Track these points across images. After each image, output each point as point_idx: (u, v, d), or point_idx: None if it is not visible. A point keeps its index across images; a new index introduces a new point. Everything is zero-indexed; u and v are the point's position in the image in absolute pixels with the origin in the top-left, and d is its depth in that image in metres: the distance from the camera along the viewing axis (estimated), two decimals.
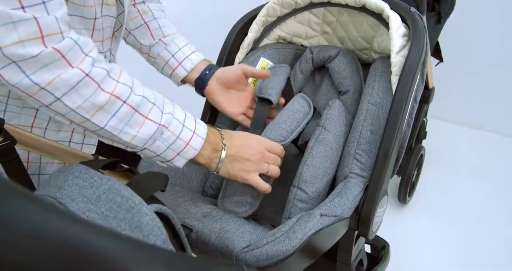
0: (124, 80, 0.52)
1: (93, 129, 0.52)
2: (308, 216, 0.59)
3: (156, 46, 0.79)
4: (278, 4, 0.83)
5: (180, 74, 0.79)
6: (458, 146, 1.96)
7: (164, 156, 0.57)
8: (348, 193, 0.66)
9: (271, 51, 0.88)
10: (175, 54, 0.78)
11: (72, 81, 0.46)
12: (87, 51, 0.49)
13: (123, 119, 0.52)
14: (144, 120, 0.53)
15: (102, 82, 0.49)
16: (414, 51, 0.67)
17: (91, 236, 0.20)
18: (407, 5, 0.74)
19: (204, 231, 0.60)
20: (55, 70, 0.45)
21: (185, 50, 0.79)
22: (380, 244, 1.02)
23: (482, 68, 2.03)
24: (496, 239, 1.44)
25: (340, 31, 0.88)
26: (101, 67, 0.49)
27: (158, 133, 0.55)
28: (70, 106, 0.48)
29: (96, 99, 0.48)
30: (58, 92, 0.46)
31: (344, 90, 0.83)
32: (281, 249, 0.54)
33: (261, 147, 0.65)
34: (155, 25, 0.79)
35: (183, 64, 0.78)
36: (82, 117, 0.49)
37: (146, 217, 0.36)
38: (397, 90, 0.66)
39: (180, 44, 0.79)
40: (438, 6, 1.38)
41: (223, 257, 0.57)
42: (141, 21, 0.79)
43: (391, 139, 0.65)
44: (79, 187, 0.39)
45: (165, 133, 0.56)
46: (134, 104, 0.52)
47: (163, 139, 0.56)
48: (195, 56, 0.79)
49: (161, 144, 0.56)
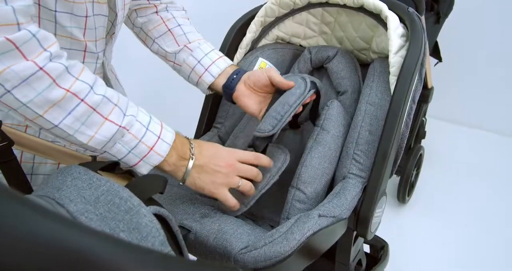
0: (85, 78, 0.50)
1: (47, 127, 0.49)
2: (306, 217, 0.59)
3: (181, 53, 0.77)
4: (276, 4, 0.83)
5: (206, 81, 0.76)
6: (457, 146, 1.97)
7: (126, 161, 0.55)
8: (346, 194, 0.66)
9: (270, 52, 0.88)
10: (201, 60, 0.76)
11: (24, 74, 0.44)
12: (46, 46, 0.46)
13: (79, 118, 0.49)
14: (103, 121, 0.51)
15: (58, 78, 0.47)
16: (412, 52, 0.67)
17: (88, 240, 0.21)
18: (405, 6, 0.74)
19: (202, 232, 0.60)
20: (5, 61, 0.43)
21: (212, 56, 0.77)
22: (379, 244, 1.02)
23: (481, 68, 2.04)
24: (495, 238, 1.44)
25: (338, 32, 0.88)
26: (59, 62, 0.47)
27: (118, 136, 0.52)
28: (21, 100, 0.45)
29: (50, 95, 0.46)
30: (8, 84, 0.44)
31: (343, 91, 0.83)
32: (279, 250, 0.54)
33: (232, 158, 0.62)
34: (179, 32, 0.77)
35: (210, 70, 0.76)
36: (34, 113, 0.47)
37: (145, 219, 0.36)
38: (395, 91, 0.67)
39: (206, 50, 0.77)
40: (437, 6, 1.39)
41: (221, 258, 0.57)
42: (164, 28, 0.77)
43: (389, 139, 0.66)
44: (78, 188, 0.39)
45: (126, 136, 0.53)
46: (93, 103, 0.50)
47: (124, 142, 0.53)
48: (222, 62, 0.77)
49: (122, 147, 0.53)
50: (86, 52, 0.61)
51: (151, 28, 0.78)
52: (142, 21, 0.78)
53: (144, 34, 0.79)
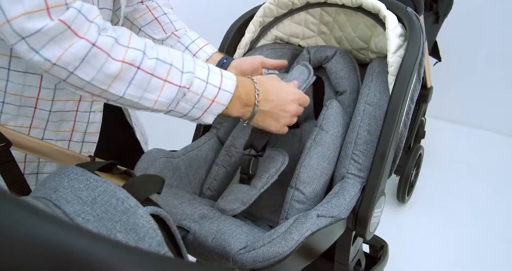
0: (135, 44, 0.51)
1: (114, 99, 0.52)
2: (305, 217, 0.59)
3: (168, 40, 0.79)
4: (275, 4, 0.83)
5: None
6: (457, 145, 1.96)
7: (192, 115, 0.57)
8: (345, 194, 0.66)
9: (268, 52, 0.88)
10: (188, 46, 0.79)
11: (81, 54, 0.46)
12: (91, 18, 0.48)
13: (141, 86, 0.50)
14: (163, 84, 0.52)
15: (111, 51, 0.48)
16: (410, 51, 0.67)
17: (84, 242, 0.21)
18: (403, 5, 0.74)
19: (200, 232, 0.60)
20: (62, 43, 0.45)
21: (198, 42, 0.79)
22: (378, 244, 1.02)
23: (481, 68, 2.04)
24: (495, 238, 1.44)
25: (337, 31, 0.88)
26: (107, 35, 0.48)
27: (180, 95, 0.54)
28: (85, 79, 0.47)
29: (109, 69, 0.48)
30: (70, 66, 0.46)
31: (342, 91, 0.83)
32: (278, 251, 0.54)
33: (296, 105, 0.65)
34: (166, 20, 0.80)
35: (198, 55, 0.78)
36: (99, 89, 0.49)
37: (142, 219, 0.36)
38: (393, 91, 0.67)
39: (193, 37, 0.80)
40: (436, 6, 1.38)
41: (220, 258, 0.57)
42: (151, 17, 0.79)
43: (388, 139, 0.66)
44: (75, 189, 0.39)
45: (188, 94, 0.54)
46: (149, 69, 0.51)
47: (186, 100, 0.55)
48: (208, 48, 0.80)
49: (185, 105, 0.55)
50: None
51: (137, 17, 0.80)
52: (128, 11, 0.79)
53: (130, 23, 0.81)
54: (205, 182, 0.80)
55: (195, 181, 0.79)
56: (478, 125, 2.10)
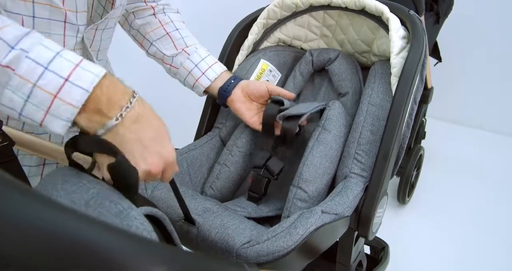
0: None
1: None
2: (310, 212, 0.59)
3: (179, 56, 0.80)
4: (279, 6, 0.84)
5: (203, 84, 0.79)
6: (458, 146, 1.97)
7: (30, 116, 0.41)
8: (348, 192, 0.67)
9: (271, 54, 0.88)
10: (198, 64, 0.79)
11: None
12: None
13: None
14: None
15: None
16: (413, 53, 0.68)
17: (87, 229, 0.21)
18: (406, 8, 0.75)
19: (204, 226, 0.60)
20: None
21: (208, 61, 0.80)
22: (379, 245, 1.02)
23: (481, 68, 2.04)
24: (496, 238, 1.44)
25: (339, 34, 0.88)
26: None
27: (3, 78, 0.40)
28: None
29: None
30: None
31: (344, 92, 0.83)
32: (282, 245, 0.54)
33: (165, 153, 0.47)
34: (177, 36, 0.80)
35: (207, 74, 0.79)
36: None
37: (135, 221, 0.35)
38: (396, 91, 0.67)
39: (202, 55, 0.80)
40: (437, 6, 1.39)
41: (223, 252, 0.57)
42: (163, 31, 0.80)
43: (391, 139, 0.66)
44: (68, 192, 0.38)
45: (14, 79, 0.39)
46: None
47: (12, 87, 0.40)
48: (217, 67, 0.80)
49: (13, 95, 0.40)
50: (66, 22, 0.56)
51: (149, 31, 0.80)
52: (140, 23, 0.80)
53: (142, 36, 0.81)
54: (207, 180, 0.80)
55: (197, 179, 0.79)
56: (478, 126, 2.10)
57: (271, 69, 0.88)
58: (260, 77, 0.87)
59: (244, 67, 0.86)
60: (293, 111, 0.73)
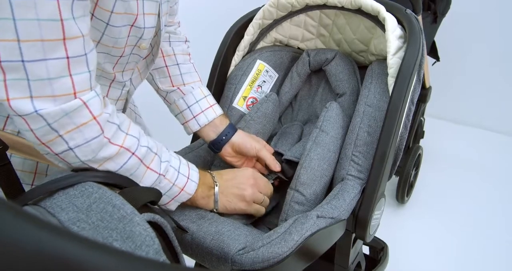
0: (133, 132, 0.53)
1: None
2: (305, 218, 0.59)
3: (173, 94, 0.77)
4: (274, 6, 0.83)
5: (192, 128, 0.77)
6: (456, 145, 1.96)
7: (160, 202, 0.58)
8: (345, 195, 0.66)
9: (268, 54, 0.87)
10: (191, 106, 0.76)
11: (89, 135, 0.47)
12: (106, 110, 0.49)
13: (129, 170, 0.52)
14: (145, 170, 0.54)
15: (113, 137, 0.50)
16: (410, 53, 0.67)
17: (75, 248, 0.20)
18: (402, 7, 0.74)
19: (199, 233, 0.59)
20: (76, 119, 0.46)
21: (202, 104, 0.76)
22: (378, 245, 1.01)
23: (479, 67, 2.03)
24: (495, 238, 1.44)
25: (336, 34, 0.87)
26: (112, 122, 0.50)
27: (157, 182, 0.56)
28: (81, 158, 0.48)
29: (106, 152, 0.49)
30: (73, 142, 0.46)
31: (341, 93, 0.83)
32: (277, 251, 0.54)
33: (251, 177, 0.68)
34: (176, 72, 0.77)
35: (197, 118, 0.76)
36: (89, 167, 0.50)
37: (138, 227, 0.35)
38: (393, 92, 0.66)
39: (198, 97, 0.76)
40: (434, 5, 1.38)
41: (219, 259, 0.56)
42: (162, 63, 0.76)
43: (388, 140, 0.65)
44: (70, 195, 0.38)
45: (163, 182, 0.57)
46: (141, 156, 0.53)
47: (160, 187, 0.57)
48: (211, 112, 0.77)
49: None
50: (113, 81, 0.63)
51: None
52: (169, 30, 0.78)
53: None
54: None
55: None
56: (477, 125, 2.10)
57: (268, 69, 0.87)
58: (257, 78, 0.86)
59: (240, 68, 0.86)
60: None
